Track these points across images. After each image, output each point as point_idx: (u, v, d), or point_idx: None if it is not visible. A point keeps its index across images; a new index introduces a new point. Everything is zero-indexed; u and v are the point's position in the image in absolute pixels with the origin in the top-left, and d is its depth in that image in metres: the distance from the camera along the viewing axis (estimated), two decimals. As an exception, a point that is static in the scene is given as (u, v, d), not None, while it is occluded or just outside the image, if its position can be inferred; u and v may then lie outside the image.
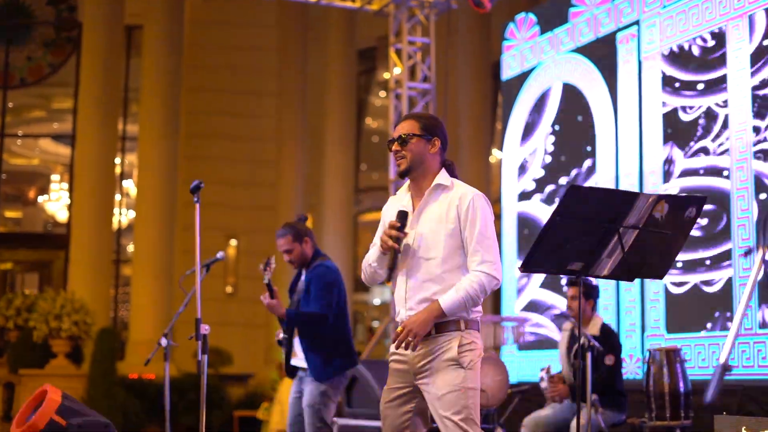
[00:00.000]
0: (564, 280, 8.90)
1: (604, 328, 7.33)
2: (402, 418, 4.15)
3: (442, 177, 4.12)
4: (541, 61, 10.92)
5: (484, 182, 18.79)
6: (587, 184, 10.00)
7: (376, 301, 24.71)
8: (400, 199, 4.21)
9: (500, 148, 11.93)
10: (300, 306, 6.30)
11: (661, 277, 4.18)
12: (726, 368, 2.15)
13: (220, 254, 6.88)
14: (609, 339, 7.27)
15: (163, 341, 6.94)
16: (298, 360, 6.37)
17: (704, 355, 8.50)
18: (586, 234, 3.91)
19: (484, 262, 3.93)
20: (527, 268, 3.94)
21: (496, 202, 12.01)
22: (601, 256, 4.00)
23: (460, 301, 3.93)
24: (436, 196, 4.10)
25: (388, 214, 4.23)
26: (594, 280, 7.33)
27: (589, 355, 6.37)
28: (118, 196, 21.17)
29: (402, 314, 4.11)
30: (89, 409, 4.79)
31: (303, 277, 6.45)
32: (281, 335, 6.45)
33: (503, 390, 7.16)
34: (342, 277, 6.49)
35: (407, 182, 4.23)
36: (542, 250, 3.89)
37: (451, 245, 4.01)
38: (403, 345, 3.97)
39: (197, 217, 6.00)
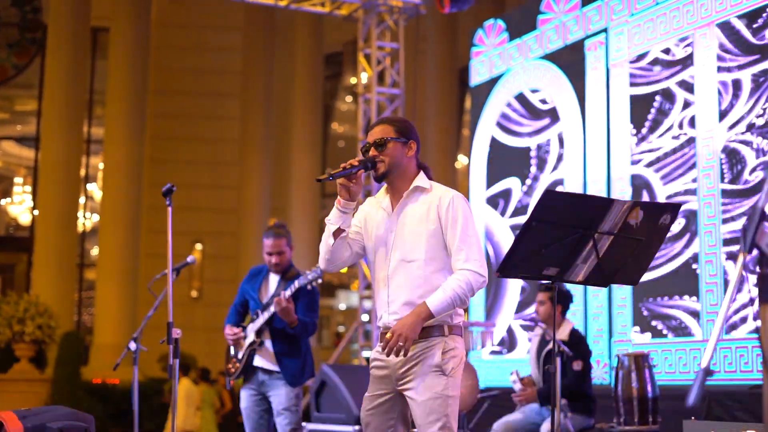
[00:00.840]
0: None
1: (574, 333, 7.36)
2: (386, 425, 4.10)
3: (421, 179, 4.10)
4: (509, 67, 10.96)
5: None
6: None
7: (342, 306, 24.71)
8: (379, 202, 4.19)
9: (467, 154, 11.96)
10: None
11: (635, 283, 4.21)
12: (708, 372, 2.17)
13: (190, 258, 6.84)
14: (578, 344, 7.30)
15: (132, 345, 6.91)
16: (266, 362, 6.36)
17: (671, 360, 8.57)
18: (561, 239, 3.93)
19: (469, 260, 3.87)
20: (504, 272, 3.95)
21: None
22: (576, 261, 4.02)
23: (448, 301, 3.87)
24: (416, 197, 4.07)
25: (368, 215, 4.20)
26: (566, 286, 7.37)
27: (558, 360, 6.41)
28: (82, 199, 21.03)
29: (384, 319, 4.05)
30: (58, 411, 4.67)
31: (278, 281, 6.46)
32: (238, 332, 6.45)
33: (473, 395, 7.17)
34: None
35: (384, 186, 4.20)
36: (518, 255, 3.91)
37: (434, 246, 3.96)
38: (394, 351, 3.87)
39: (170, 220, 5.97)
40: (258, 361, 6.38)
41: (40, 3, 20.88)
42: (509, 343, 10.62)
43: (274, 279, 6.51)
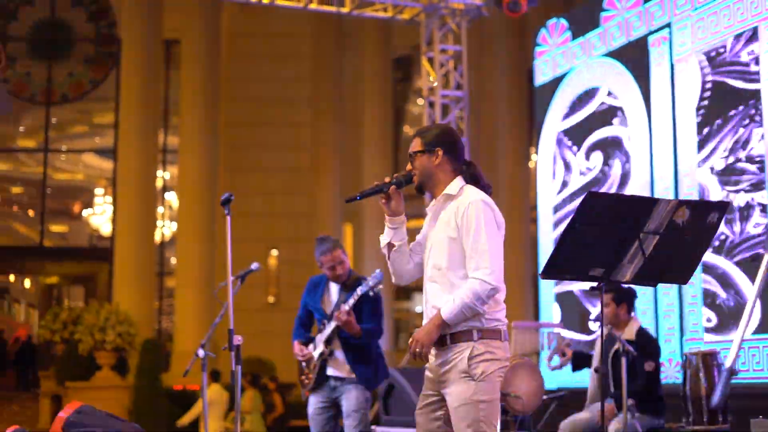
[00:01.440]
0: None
1: (641, 332, 7.25)
2: (433, 425, 4.16)
3: (451, 186, 4.15)
4: (573, 66, 10.90)
5: (525, 188, 18.78)
6: (624, 188, 9.98)
7: (418, 309, 24.70)
8: (431, 210, 4.27)
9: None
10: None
11: (685, 282, 4.18)
12: (732, 372, 2.17)
13: (254, 265, 6.96)
14: (646, 344, 7.20)
15: (201, 352, 7.04)
16: (337, 370, 6.46)
17: (744, 358, 8.44)
18: (605, 240, 3.92)
19: (477, 269, 3.93)
20: (548, 274, 3.96)
21: (534, 208, 12.01)
22: (622, 261, 4.00)
23: (456, 310, 3.94)
24: (446, 204, 4.14)
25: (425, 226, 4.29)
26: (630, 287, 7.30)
27: (624, 360, 6.36)
28: (161, 209, 21.40)
29: (424, 321, 4.17)
30: (111, 420, 4.77)
31: (338, 290, 6.53)
32: (307, 352, 6.55)
33: (538, 396, 7.15)
34: None
35: None
36: (562, 257, 3.91)
37: (455, 253, 4.03)
38: (415, 356, 4.03)
39: (229, 229, 6.07)
40: (330, 371, 6.49)
41: (115, 18, 21.30)
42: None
43: (334, 288, 6.58)
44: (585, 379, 7.59)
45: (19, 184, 24.40)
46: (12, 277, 25.14)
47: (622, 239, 3.95)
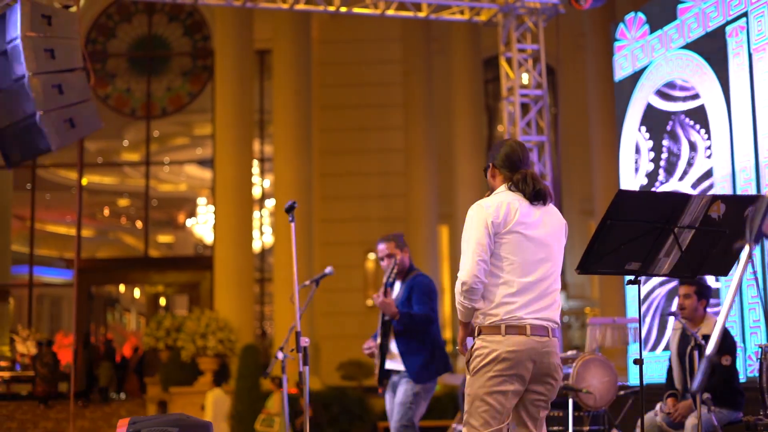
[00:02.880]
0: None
1: (718, 327, 7.23)
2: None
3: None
4: (652, 60, 10.84)
5: (619, 185, 18.60)
6: (704, 182, 9.89)
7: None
8: None
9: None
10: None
11: (725, 274, 4.21)
12: (711, 360, 2.24)
13: (328, 269, 7.17)
14: (724, 339, 7.17)
15: (280, 355, 7.25)
16: (395, 363, 6.57)
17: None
18: (639, 235, 3.99)
19: (460, 269, 4.23)
20: (583, 269, 4.05)
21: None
22: (658, 255, 4.06)
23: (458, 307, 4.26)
24: None
25: None
26: (708, 280, 7.26)
27: (696, 355, 6.36)
28: (260, 215, 21.80)
29: None
30: (172, 417, 4.95)
31: (400, 286, 6.67)
32: (372, 344, 6.68)
33: (611, 391, 7.17)
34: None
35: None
36: (596, 253, 3.99)
37: None
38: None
39: (293, 235, 6.26)
40: (388, 364, 6.61)
41: (209, 31, 21.82)
42: (657, 338, 10.47)
43: (398, 285, 6.73)
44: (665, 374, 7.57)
45: (125, 197, 25.14)
46: (122, 287, 25.90)
47: (656, 234, 4.01)
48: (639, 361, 4.22)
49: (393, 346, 6.60)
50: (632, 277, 4.15)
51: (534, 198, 4.23)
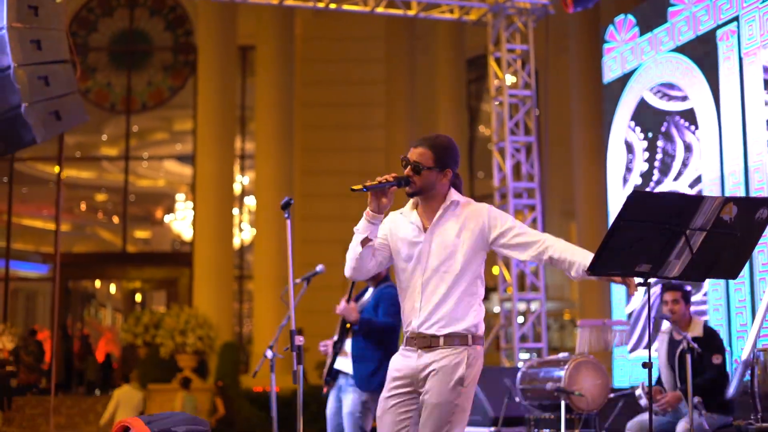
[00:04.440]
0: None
1: (707, 329, 7.25)
2: None
3: (454, 195, 4.30)
4: (641, 62, 10.83)
5: (601, 188, 18.59)
6: (697, 184, 9.89)
7: (496, 309, 24.64)
8: (406, 216, 4.35)
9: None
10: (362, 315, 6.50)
11: (734, 277, 4.18)
12: (748, 365, 2.19)
13: (319, 267, 7.07)
14: (713, 340, 7.18)
15: (269, 353, 7.17)
16: (344, 362, 6.48)
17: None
18: (651, 237, 3.95)
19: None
20: (594, 271, 3.99)
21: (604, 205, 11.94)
22: (668, 257, 4.02)
23: None
24: (450, 213, 4.26)
25: (396, 228, 4.36)
26: (687, 285, 7.28)
27: (689, 358, 6.34)
28: (239, 212, 21.68)
29: (414, 324, 4.32)
30: (179, 416, 4.89)
31: (371, 292, 6.62)
32: (329, 343, 6.63)
33: (603, 394, 7.13)
34: None
35: (411, 201, 4.34)
36: (608, 253, 3.95)
37: (469, 258, 4.25)
38: None
39: (289, 232, 6.15)
40: (338, 363, 6.53)
41: (192, 26, 21.68)
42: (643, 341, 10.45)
43: (370, 291, 6.70)
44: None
45: (103, 192, 24.95)
46: (98, 283, 25.70)
47: (668, 236, 3.97)
48: (648, 365, 4.17)
49: (347, 346, 6.52)
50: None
51: None
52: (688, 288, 7.20)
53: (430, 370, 4.14)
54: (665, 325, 7.31)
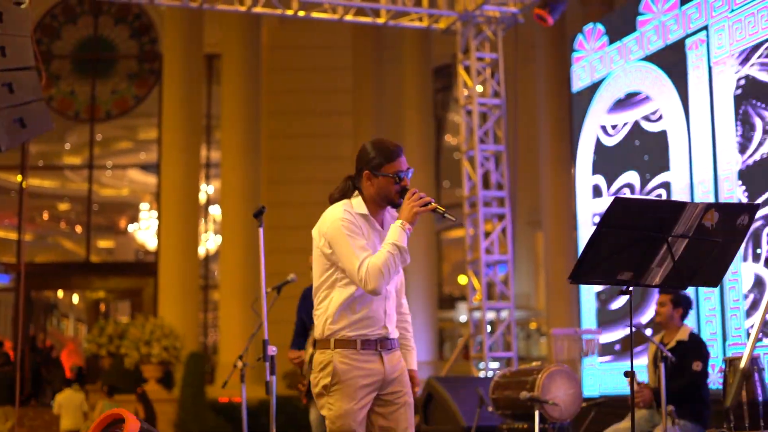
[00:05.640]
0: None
1: (693, 336, 7.25)
2: None
3: None
4: (611, 71, 10.85)
5: (568, 198, 18.67)
6: (662, 192, 9.91)
7: (463, 318, 24.66)
8: (368, 220, 4.39)
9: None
10: None
11: (715, 285, 4.16)
12: (745, 375, 2.14)
13: (291, 276, 7.02)
14: (698, 346, 7.19)
15: (239, 364, 7.10)
16: None
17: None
18: (633, 244, 3.91)
19: None
20: (576, 279, 3.95)
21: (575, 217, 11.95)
22: (650, 265, 3.99)
23: None
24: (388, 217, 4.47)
25: (368, 232, 4.33)
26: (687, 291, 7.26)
27: (662, 366, 6.32)
28: (204, 222, 21.53)
29: (389, 329, 4.40)
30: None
31: None
32: (301, 354, 6.56)
33: (576, 403, 7.11)
34: None
35: (359, 204, 4.40)
36: (589, 262, 3.90)
37: None
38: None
39: (261, 241, 6.09)
40: None
41: (157, 34, 21.53)
42: (622, 349, 10.46)
43: None
44: (627, 385, 7.52)
45: (65, 201, 24.70)
46: (60, 293, 25.42)
47: (650, 243, 3.93)
48: (630, 374, 4.13)
49: None
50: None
51: None
52: (686, 293, 7.16)
53: (398, 371, 4.30)
54: (649, 331, 7.32)
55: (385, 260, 4.14)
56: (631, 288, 4.07)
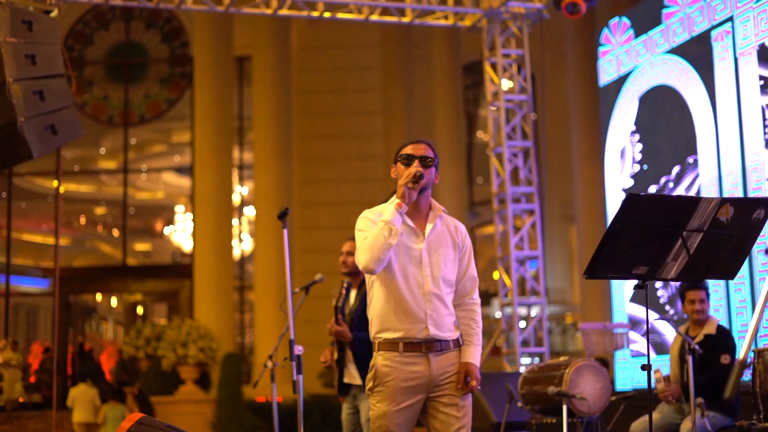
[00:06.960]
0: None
1: (720, 328, 7.25)
2: None
3: (437, 203, 4.45)
4: (637, 64, 10.83)
5: (600, 192, 18.59)
6: (691, 184, 9.88)
7: (497, 314, 24.62)
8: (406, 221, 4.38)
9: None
10: (355, 323, 6.47)
11: (731, 278, 4.18)
12: (744, 365, 2.17)
13: (319, 276, 7.10)
14: (726, 338, 7.19)
15: (269, 363, 7.19)
16: (353, 378, 6.49)
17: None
18: (648, 239, 3.95)
19: (476, 295, 4.49)
20: (591, 274, 3.99)
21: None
22: (665, 259, 4.02)
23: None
24: (440, 220, 4.39)
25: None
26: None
27: (690, 359, 6.33)
28: (238, 223, 21.66)
29: (429, 331, 4.35)
30: (171, 430, 4.88)
31: (354, 297, 6.61)
32: (329, 356, 6.63)
33: (604, 397, 7.13)
34: None
35: (392, 201, 4.32)
36: (605, 257, 3.94)
37: (455, 271, 4.38)
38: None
39: (286, 241, 6.18)
40: (346, 378, 6.54)
41: (188, 38, 21.69)
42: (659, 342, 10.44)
43: (353, 294, 6.69)
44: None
45: (102, 205, 24.94)
46: (98, 296, 25.68)
47: (665, 238, 3.96)
48: (647, 367, 4.16)
49: (351, 364, 6.53)
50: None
51: None
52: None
53: (449, 372, 4.29)
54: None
55: (374, 237, 4.18)
56: (646, 282, 4.11)
